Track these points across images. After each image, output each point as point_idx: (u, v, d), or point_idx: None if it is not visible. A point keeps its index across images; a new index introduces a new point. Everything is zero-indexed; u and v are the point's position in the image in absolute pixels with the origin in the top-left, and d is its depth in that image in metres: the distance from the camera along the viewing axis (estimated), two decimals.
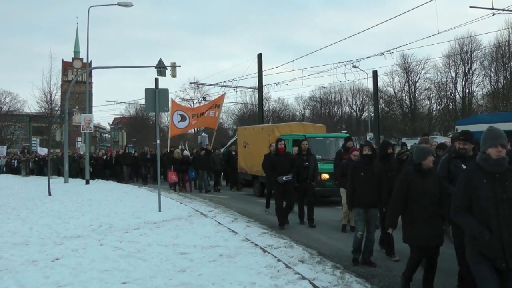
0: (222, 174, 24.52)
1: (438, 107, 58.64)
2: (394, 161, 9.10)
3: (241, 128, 24.59)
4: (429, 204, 6.13)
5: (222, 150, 26.82)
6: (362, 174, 8.29)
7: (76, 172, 32.66)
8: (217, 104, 28.56)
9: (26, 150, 57.21)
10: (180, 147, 27.29)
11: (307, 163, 12.53)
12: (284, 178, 11.95)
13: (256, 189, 20.05)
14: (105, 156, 32.81)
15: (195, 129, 46.29)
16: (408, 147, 17.23)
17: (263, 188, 18.94)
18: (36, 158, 40.53)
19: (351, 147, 12.29)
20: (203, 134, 31.96)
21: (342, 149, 13.10)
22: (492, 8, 24.34)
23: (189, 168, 23.02)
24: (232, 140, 31.19)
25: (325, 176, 15.63)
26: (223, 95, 30.94)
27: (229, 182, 24.15)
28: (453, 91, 55.46)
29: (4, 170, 45.39)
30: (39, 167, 38.50)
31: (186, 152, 24.39)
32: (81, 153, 40.54)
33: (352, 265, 8.07)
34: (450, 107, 56.05)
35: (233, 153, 23.70)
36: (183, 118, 27.48)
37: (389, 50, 31.31)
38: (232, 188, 23.48)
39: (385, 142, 10.48)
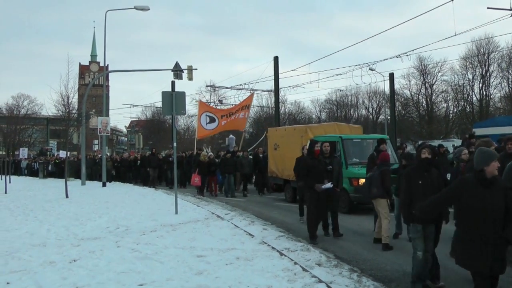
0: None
1: (455, 110, 58.32)
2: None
3: (271, 129, 22.84)
4: (490, 221, 5.01)
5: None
6: (420, 182, 6.96)
7: (99, 174, 32.43)
8: (246, 105, 27.61)
9: (48, 153, 57.38)
10: (204, 149, 26.52)
11: (330, 167, 11.03)
12: (323, 186, 10.52)
13: (288, 194, 18.65)
14: (129, 158, 32.20)
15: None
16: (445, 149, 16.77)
17: (295, 194, 17.13)
18: (57, 161, 40.62)
19: (384, 150, 11.20)
20: (231, 136, 30.66)
21: (375, 152, 11.71)
22: (511, 9, 24.09)
23: (216, 171, 22.13)
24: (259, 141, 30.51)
25: (363, 181, 13.30)
26: (252, 95, 29.92)
27: (257, 186, 22.71)
28: (470, 94, 55.17)
29: (25, 172, 45.59)
30: (60, 170, 38.24)
31: (212, 154, 23.78)
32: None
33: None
34: (467, 109, 55.71)
35: (261, 155, 22.37)
36: (211, 120, 26.62)
37: (406, 53, 31.07)
38: (260, 192, 22.12)
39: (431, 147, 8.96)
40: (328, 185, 10.55)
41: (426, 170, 7.09)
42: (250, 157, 23.56)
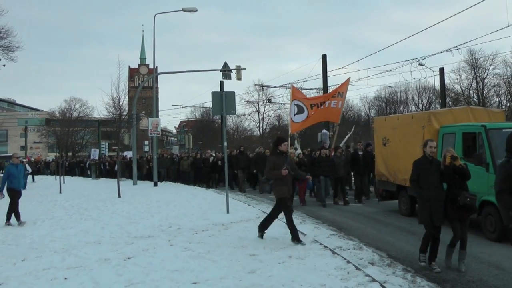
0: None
1: (508, 104, 56.50)
2: None
3: (379, 118, 18.40)
4: None
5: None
6: None
7: (176, 174, 30.62)
8: (340, 92, 22.17)
9: (120, 153, 57.60)
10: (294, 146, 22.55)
11: None
12: None
13: (403, 205, 14.16)
14: (211, 158, 27.53)
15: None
16: None
17: (413, 204, 13.40)
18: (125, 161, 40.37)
19: None
20: (324, 131, 25.66)
21: None
22: None
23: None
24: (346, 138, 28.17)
25: None
26: (347, 80, 23.25)
27: (355, 192, 18.44)
28: None
29: (89, 173, 45.88)
30: (129, 169, 37.57)
31: (299, 152, 20.42)
32: (178, 154, 40.55)
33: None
34: None
35: (360, 153, 18.77)
36: (300, 110, 21.65)
37: (456, 46, 30.23)
38: (357, 198, 17.85)
39: None
40: None
41: None
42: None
